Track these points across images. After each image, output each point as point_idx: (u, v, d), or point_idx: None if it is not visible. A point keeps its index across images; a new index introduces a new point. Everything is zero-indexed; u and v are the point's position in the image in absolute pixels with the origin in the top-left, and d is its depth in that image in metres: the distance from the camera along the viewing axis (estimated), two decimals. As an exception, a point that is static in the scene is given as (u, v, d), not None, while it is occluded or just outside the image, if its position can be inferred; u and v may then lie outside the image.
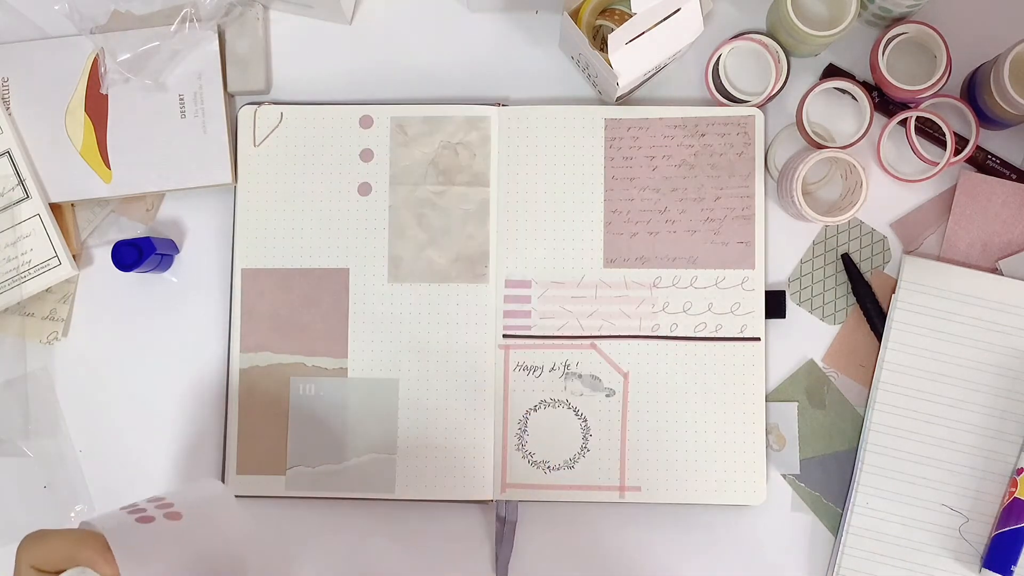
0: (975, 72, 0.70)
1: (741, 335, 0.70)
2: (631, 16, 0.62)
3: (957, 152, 0.70)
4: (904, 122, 0.70)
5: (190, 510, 0.57)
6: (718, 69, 0.71)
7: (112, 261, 0.69)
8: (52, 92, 0.72)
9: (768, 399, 0.70)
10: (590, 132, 0.71)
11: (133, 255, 0.69)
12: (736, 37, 0.71)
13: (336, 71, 0.73)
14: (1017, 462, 0.68)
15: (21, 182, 0.71)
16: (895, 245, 0.71)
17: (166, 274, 0.73)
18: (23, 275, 0.71)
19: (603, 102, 0.72)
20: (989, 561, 0.67)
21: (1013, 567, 0.66)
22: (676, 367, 0.70)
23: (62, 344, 0.73)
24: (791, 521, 0.70)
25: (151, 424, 0.72)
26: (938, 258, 0.70)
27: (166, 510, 0.56)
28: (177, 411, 0.72)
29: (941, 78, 0.67)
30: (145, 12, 0.71)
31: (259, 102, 0.72)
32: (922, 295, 0.69)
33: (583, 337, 0.71)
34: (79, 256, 0.73)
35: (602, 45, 0.65)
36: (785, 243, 0.71)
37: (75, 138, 0.71)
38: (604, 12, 0.69)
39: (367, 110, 0.72)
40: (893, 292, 0.70)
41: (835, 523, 0.70)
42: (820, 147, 0.69)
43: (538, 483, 0.70)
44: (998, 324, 0.68)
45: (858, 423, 0.70)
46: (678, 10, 0.63)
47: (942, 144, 0.70)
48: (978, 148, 0.70)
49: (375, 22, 0.74)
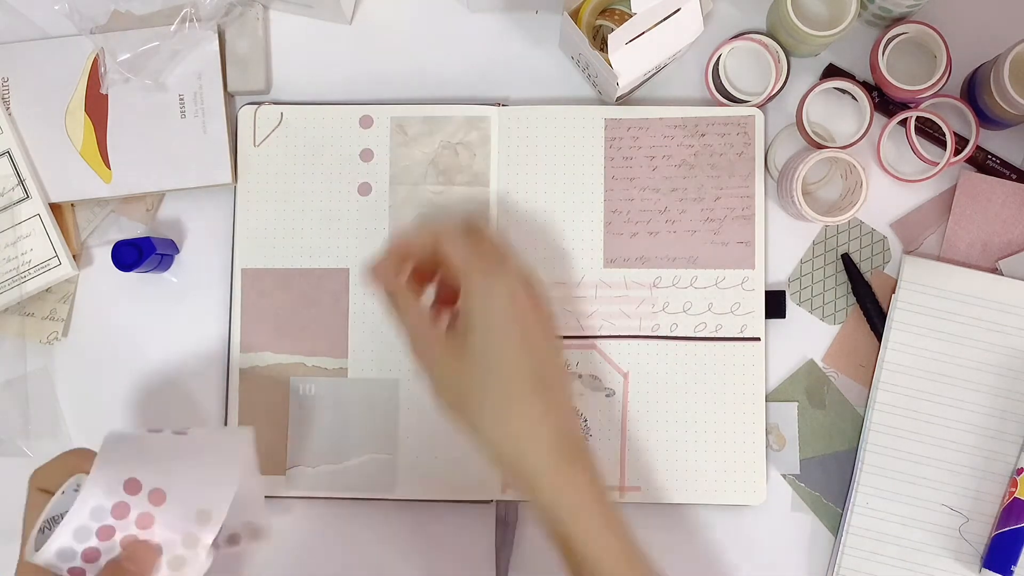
0: (975, 72, 0.70)
1: (741, 335, 0.70)
2: (631, 16, 0.62)
3: (957, 152, 0.70)
4: (904, 122, 0.70)
5: (199, 431, 0.59)
6: (718, 69, 0.71)
7: (112, 261, 0.69)
8: (52, 92, 0.72)
9: (768, 399, 0.70)
10: (590, 132, 0.71)
11: (133, 255, 0.69)
12: (736, 37, 0.71)
13: (336, 71, 0.73)
14: (1017, 462, 0.68)
15: (21, 182, 0.71)
16: (895, 245, 0.71)
17: (166, 274, 0.73)
18: (23, 275, 0.71)
19: (603, 102, 0.72)
20: (989, 561, 0.67)
21: (1013, 567, 0.66)
22: (676, 367, 0.70)
23: (62, 344, 0.73)
24: (791, 521, 0.70)
25: (151, 424, 0.72)
26: (938, 258, 0.70)
27: (178, 429, 0.59)
28: (177, 411, 0.72)
29: (941, 78, 0.67)
30: (145, 12, 0.71)
31: (259, 102, 0.72)
32: (922, 295, 0.69)
33: (583, 337, 0.71)
34: (79, 256, 0.73)
35: (602, 45, 0.65)
36: (785, 243, 0.71)
37: (75, 138, 0.71)
38: (604, 12, 0.69)
39: (367, 110, 0.72)
40: (893, 292, 0.70)
41: (835, 523, 0.70)
42: (820, 147, 0.69)
43: (538, 483, 0.70)
44: (998, 324, 0.68)
45: (858, 423, 0.70)
46: (678, 10, 0.63)
47: (942, 144, 0.70)
48: (978, 148, 0.70)
49: (375, 22, 0.74)
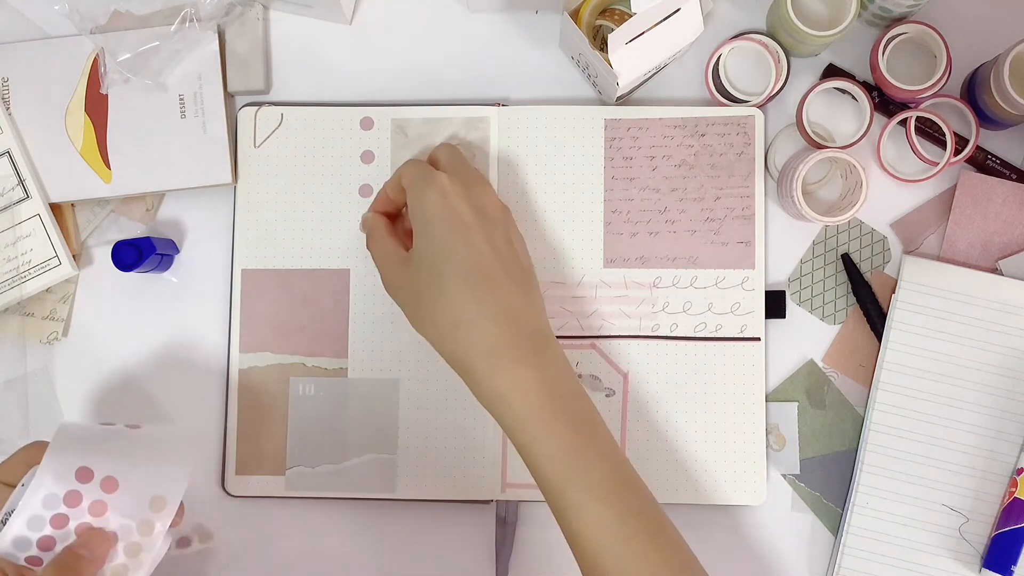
0: (975, 72, 0.70)
1: (741, 335, 0.70)
2: (631, 16, 0.62)
3: (957, 152, 0.70)
4: (904, 122, 0.70)
5: (151, 427, 0.61)
6: (718, 69, 0.71)
7: (112, 261, 0.69)
8: (52, 92, 0.72)
9: (768, 399, 0.70)
10: (590, 132, 0.71)
11: (133, 255, 0.69)
12: (736, 37, 0.71)
13: (336, 71, 0.73)
14: (1017, 462, 0.68)
15: (21, 182, 0.71)
16: (895, 245, 0.71)
17: (166, 274, 0.73)
18: (23, 275, 0.71)
19: (603, 102, 0.72)
20: (989, 561, 0.67)
21: (1013, 567, 0.66)
22: (676, 367, 0.70)
23: (62, 344, 0.73)
24: (791, 521, 0.70)
25: (151, 424, 0.72)
26: (938, 258, 0.70)
27: (131, 423, 0.61)
28: (177, 411, 0.72)
29: (941, 78, 0.67)
30: (145, 12, 0.71)
31: (259, 103, 0.72)
32: (922, 295, 0.69)
33: (583, 337, 0.71)
34: (79, 256, 0.73)
35: (602, 45, 0.65)
36: (785, 243, 0.71)
37: (75, 138, 0.71)
38: (604, 12, 0.69)
39: (367, 112, 0.72)
40: (893, 292, 0.70)
41: (835, 523, 0.70)
42: (820, 147, 0.69)
43: (538, 483, 0.70)
44: (998, 324, 0.68)
45: (858, 423, 0.70)
46: (678, 10, 0.63)
47: (942, 144, 0.70)
48: (978, 148, 0.70)
49: (375, 22, 0.74)
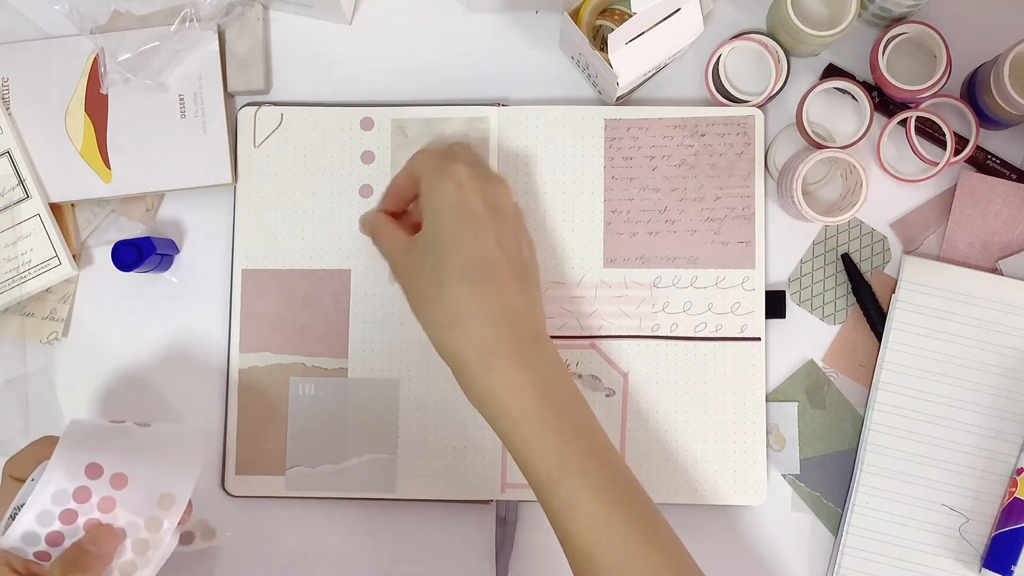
0: (975, 72, 0.70)
1: (741, 335, 0.70)
2: (631, 16, 0.62)
3: (957, 152, 0.70)
4: (904, 122, 0.70)
5: (161, 425, 0.61)
6: (718, 69, 0.71)
7: (112, 261, 0.69)
8: (52, 92, 0.72)
9: (768, 399, 0.70)
10: (590, 132, 0.71)
11: (133, 255, 0.69)
12: (736, 37, 0.71)
13: (336, 71, 0.73)
14: (1017, 462, 0.68)
15: (21, 182, 0.71)
16: (895, 245, 0.71)
17: (166, 274, 0.73)
18: (23, 275, 0.71)
19: (603, 102, 0.72)
20: (989, 561, 0.67)
21: (1013, 567, 0.66)
22: (676, 367, 0.70)
23: (62, 344, 0.73)
24: (791, 521, 0.70)
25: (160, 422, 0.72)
26: (938, 258, 0.70)
27: (140, 421, 0.60)
28: (177, 411, 0.72)
29: (941, 78, 0.67)
30: (145, 12, 0.71)
31: (259, 103, 0.72)
32: (922, 295, 0.69)
33: (583, 337, 0.71)
34: (79, 256, 0.73)
35: (602, 45, 0.65)
36: (785, 243, 0.71)
37: (75, 138, 0.71)
38: (604, 12, 0.69)
39: (368, 112, 0.72)
40: (893, 292, 0.70)
41: (835, 523, 0.70)
42: (820, 147, 0.69)
43: (538, 483, 0.70)
44: (998, 324, 0.68)
45: (858, 423, 0.70)
46: (678, 10, 0.63)
47: (942, 144, 0.70)
48: (978, 148, 0.70)
49: (375, 22, 0.74)
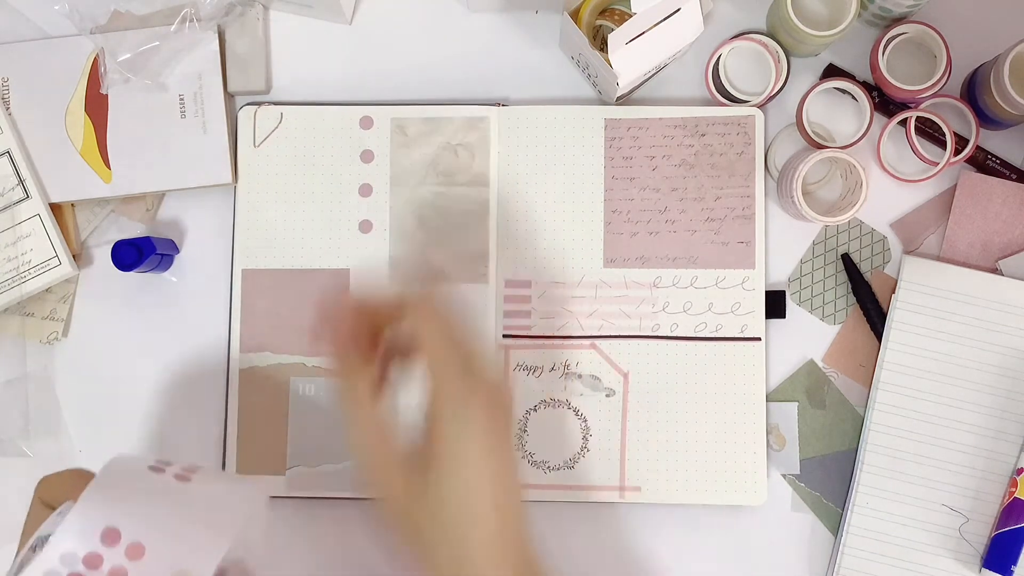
0: (975, 72, 0.70)
1: (741, 335, 0.70)
2: (631, 16, 0.62)
3: (957, 152, 0.70)
4: (904, 122, 0.70)
5: (206, 476, 0.54)
6: (718, 69, 0.71)
7: (112, 261, 0.69)
8: (52, 92, 0.72)
9: (768, 399, 0.70)
10: (590, 132, 0.71)
11: (133, 255, 0.69)
12: (736, 37, 0.71)
13: (336, 71, 0.73)
14: (1017, 462, 0.68)
15: (21, 182, 0.71)
16: (895, 245, 0.71)
17: (166, 274, 0.73)
18: (23, 275, 0.71)
19: (603, 102, 0.72)
20: (989, 561, 0.67)
21: (1013, 567, 0.66)
22: (676, 367, 0.70)
23: (62, 344, 0.73)
24: (791, 521, 0.70)
25: (151, 424, 0.72)
26: (938, 258, 0.70)
27: (182, 470, 0.54)
28: (177, 411, 0.72)
29: (941, 78, 0.67)
30: (145, 12, 0.71)
31: (259, 102, 0.72)
32: (922, 295, 0.69)
33: (583, 337, 0.71)
34: (79, 256, 0.73)
35: (602, 45, 0.65)
36: (785, 243, 0.71)
37: (75, 138, 0.71)
38: (604, 12, 0.69)
39: (367, 111, 0.72)
40: (893, 292, 0.70)
41: (835, 523, 0.70)
42: (820, 147, 0.69)
43: (538, 483, 0.70)
44: (998, 324, 0.68)
45: (858, 423, 0.70)
46: (678, 10, 0.63)
47: (942, 144, 0.70)
48: (978, 148, 0.70)
49: (375, 22, 0.74)
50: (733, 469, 0.69)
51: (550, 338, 0.70)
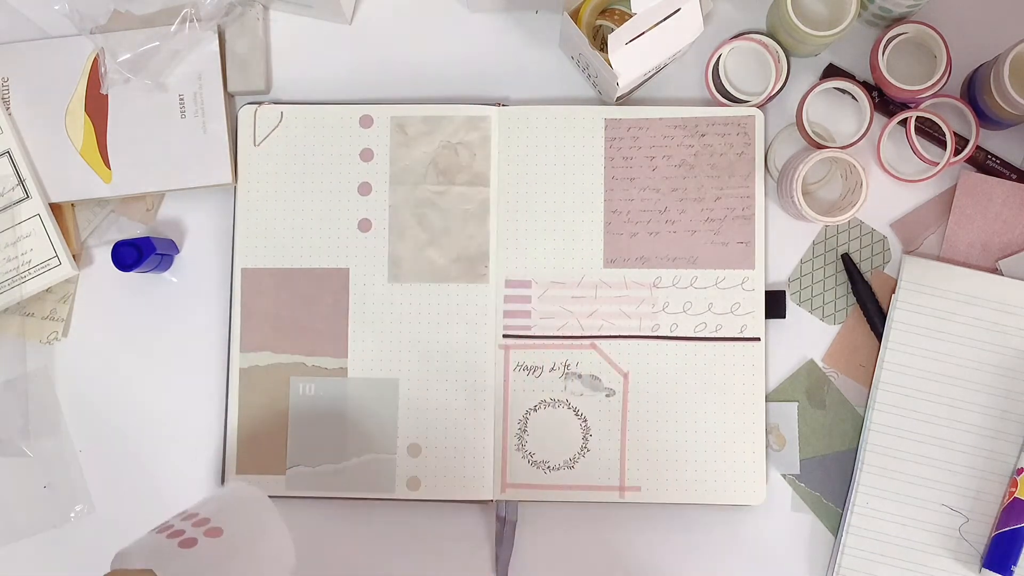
0: (975, 72, 0.70)
1: (741, 335, 0.70)
2: (631, 16, 0.62)
3: (957, 152, 0.70)
4: (904, 122, 0.70)
5: (230, 523, 0.55)
6: (718, 69, 0.71)
7: (112, 261, 0.69)
8: (52, 92, 0.72)
9: (768, 399, 0.70)
10: (590, 132, 0.71)
11: (133, 255, 0.69)
12: (736, 37, 0.71)
13: (336, 71, 0.73)
14: (1017, 462, 0.68)
15: (21, 182, 0.71)
16: (895, 245, 0.71)
17: (166, 274, 0.73)
18: (23, 275, 0.71)
19: (603, 102, 0.72)
20: (989, 561, 0.67)
21: (1013, 567, 0.66)
22: (676, 367, 0.70)
23: (62, 344, 0.73)
24: (791, 521, 0.70)
25: (151, 424, 0.72)
26: (938, 258, 0.70)
27: (205, 527, 0.55)
28: (177, 411, 0.72)
29: (941, 78, 0.67)
30: (145, 12, 0.71)
31: (259, 102, 0.72)
32: (922, 295, 0.69)
33: (583, 337, 0.71)
34: (79, 256, 0.73)
35: (602, 45, 0.65)
36: (785, 243, 0.71)
37: (75, 138, 0.71)
38: (604, 12, 0.69)
39: (367, 110, 0.72)
40: (893, 292, 0.70)
41: (835, 523, 0.70)
42: (820, 147, 0.69)
43: (538, 483, 0.70)
44: (998, 324, 0.68)
45: (858, 423, 0.70)
46: (678, 10, 0.63)
47: (942, 144, 0.70)
48: (978, 148, 0.70)
49: (375, 22, 0.74)
50: (733, 469, 0.69)
51: (550, 338, 0.70)
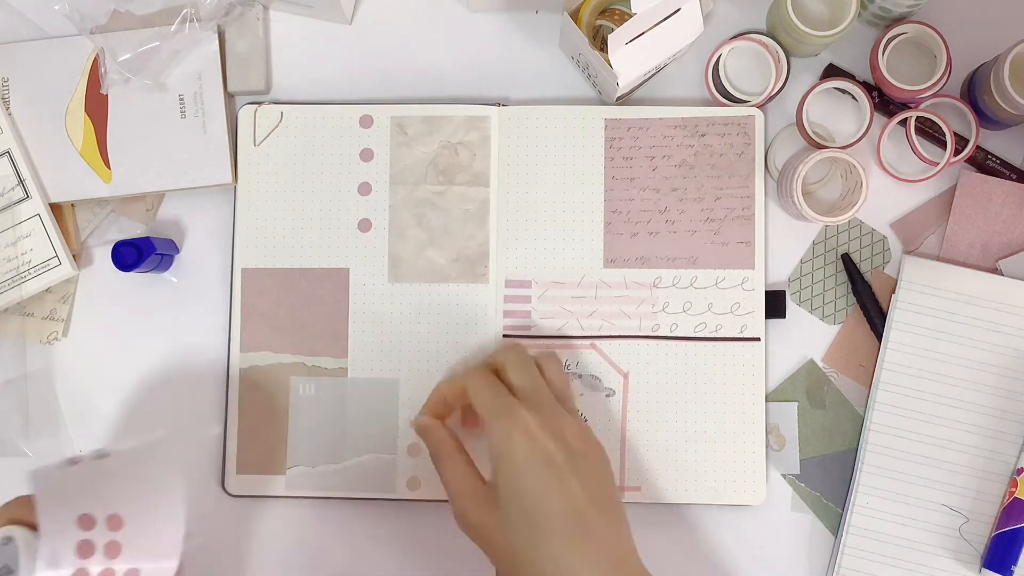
0: (975, 72, 0.70)
1: (741, 335, 0.70)
2: (631, 16, 0.62)
3: (957, 152, 0.70)
4: (904, 122, 0.70)
5: (118, 450, 0.59)
6: (718, 69, 0.71)
7: (112, 261, 0.69)
8: (52, 92, 0.72)
9: (768, 399, 0.70)
10: (590, 132, 0.71)
11: (133, 255, 0.69)
12: (736, 37, 0.71)
13: (336, 71, 0.73)
14: (1017, 462, 0.68)
15: (21, 182, 0.71)
16: (895, 245, 0.71)
17: (166, 274, 0.73)
18: (23, 275, 0.71)
19: (603, 102, 0.72)
20: (989, 561, 0.67)
21: (1013, 567, 0.66)
22: (676, 367, 0.70)
23: (62, 344, 0.73)
24: (791, 521, 0.70)
25: (151, 424, 0.72)
26: (938, 258, 0.70)
27: (96, 454, 0.58)
28: (177, 411, 0.72)
29: (941, 78, 0.67)
30: (145, 12, 0.71)
31: (259, 102, 0.72)
32: (922, 295, 0.69)
33: (583, 337, 0.71)
34: (79, 256, 0.73)
35: (602, 45, 0.65)
36: (785, 243, 0.71)
37: (75, 138, 0.71)
38: (604, 12, 0.69)
39: (367, 110, 0.72)
40: (893, 292, 0.70)
41: (835, 523, 0.70)
42: (820, 147, 0.69)
43: (538, 483, 0.70)
44: (998, 324, 0.68)
45: (858, 423, 0.70)
46: (678, 10, 0.63)
47: (942, 144, 0.70)
48: (978, 148, 0.70)
49: (375, 22, 0.74)
50: (733, 469, 0.69)
51: (550, 338, 0.70)
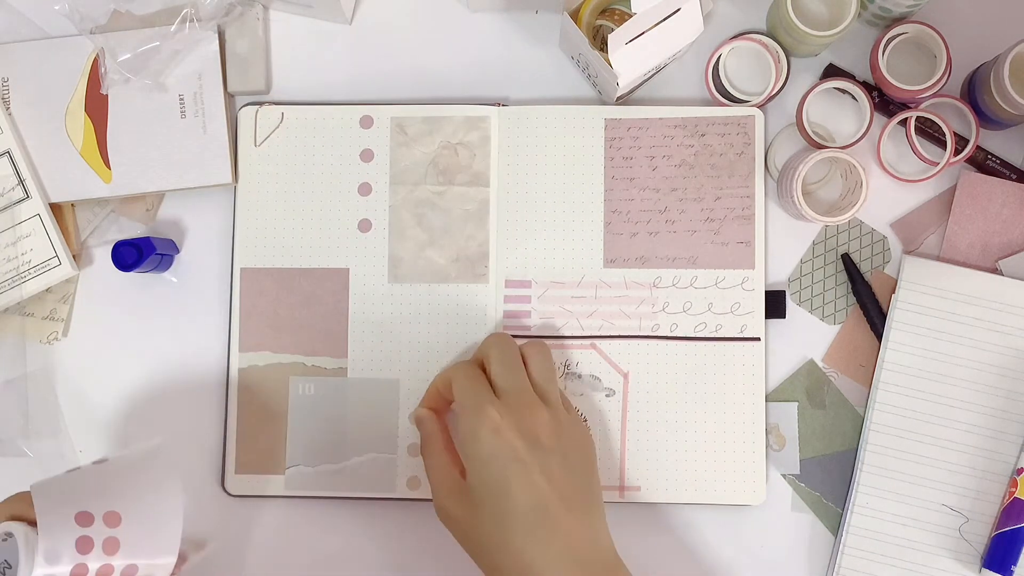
0: (975, 72, 0.70)
1: (741, 335, 0.70)
2: (631, 16, 0.62)
3: (957, 152, 0.70)
4: (904, 122, 0.70)
5: (117, 455, 0.59)
6: (718, 69, 0.71)
7: (112, 261, 0.69)
8: (52, 92, 0.72)
9: (768, 399, 0.70)
10: (590, 132, 0.71)
11: (133, 255, 0.69)
12: (736, 37, 0.71)
13: (336, 71, 0.73)
14: (1017, 462, 0.68)
15: (21, 182, 0.71)
16: (895, 245, 0.71)
17: (166, 274, 0.73)
18: (23, 275, 0.71)
19: (603, 102, 0.72)
20: (989, 561, 0.67)
21: (1013, 567, 0.66)
22: (676, 367, 0.70)
23: (62, 344, 0.73)
24: (791, 521, 0.70)
25: (151, 424, 0.72)
26: (938, 258, 0.70)
27: (96, 462, 0.59)
28: (176, 410, 0.72)
29: (941, 78, 0.67)
30: (145, 12, 0.71)
31: (259, 102, 0.73)
32: (922, 295, 0.69)
33: (583, 337, 0.71)
34: (79, 256, 0.73)
35: (602, 45, 0.65)
36: (785, 243, 0.71)
37: (75, 138, 0.71)
38: (604, 12, 0.69)
39: (367, 110, 0.72)
40: (893, 292, 0.70)
41: (835, 523, 0.70)
42: (820, 147, 0.69)
43: (538, 483, 0.70)
44: (998, 324, 0.68)
45: (858, 423, 0.70)
46: (678, 10, 0.63)
47: (942, 144, 0.70)
48: (978, 148, 0.70)
49: (375, 22, 0.74)
50: (733, 469, 0.69)
51: (550, 338, 0.70)
